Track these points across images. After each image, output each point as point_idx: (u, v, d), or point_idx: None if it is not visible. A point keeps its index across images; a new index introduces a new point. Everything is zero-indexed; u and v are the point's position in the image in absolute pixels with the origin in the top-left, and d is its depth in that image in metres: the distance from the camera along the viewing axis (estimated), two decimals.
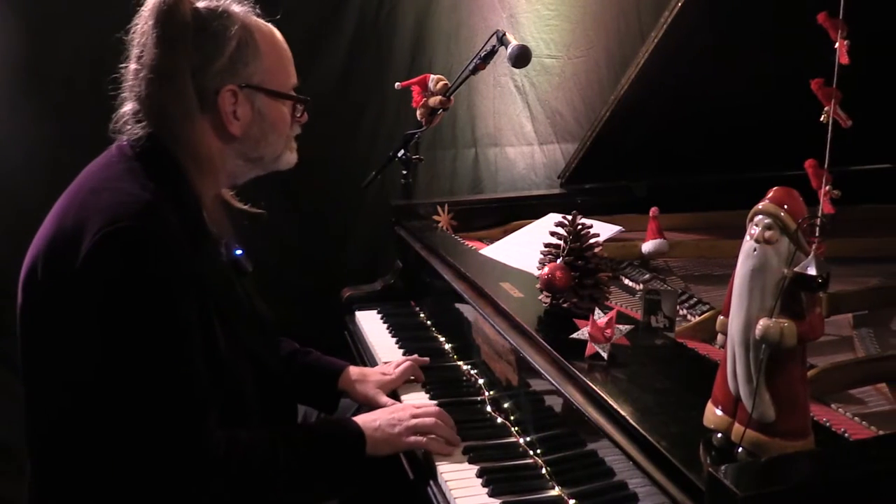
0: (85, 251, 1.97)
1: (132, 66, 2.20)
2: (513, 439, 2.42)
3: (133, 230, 1.99)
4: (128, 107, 2.21)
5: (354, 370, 2.80)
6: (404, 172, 3.80)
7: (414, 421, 2.38)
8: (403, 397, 2.74)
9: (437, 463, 2.32)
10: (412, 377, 2.83)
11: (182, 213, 2.10)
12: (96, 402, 2.03)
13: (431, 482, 2.31)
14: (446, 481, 2.23)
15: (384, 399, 2.69)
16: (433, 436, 2.37)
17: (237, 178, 2.43)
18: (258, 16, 2.32)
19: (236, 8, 2.26)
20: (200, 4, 2.22)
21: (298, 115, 2.42)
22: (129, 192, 2.06)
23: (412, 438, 2.36)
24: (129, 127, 2.20)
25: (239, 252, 2.49)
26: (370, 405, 2.68)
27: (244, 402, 2.28)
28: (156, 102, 2.15)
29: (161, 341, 2.02)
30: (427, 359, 2.93)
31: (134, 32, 2.20)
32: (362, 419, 2.39)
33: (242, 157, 2.34)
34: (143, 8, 2.20)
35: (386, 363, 2.92)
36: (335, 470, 2.32)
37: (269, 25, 2.34)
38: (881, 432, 1.83)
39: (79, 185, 2.20)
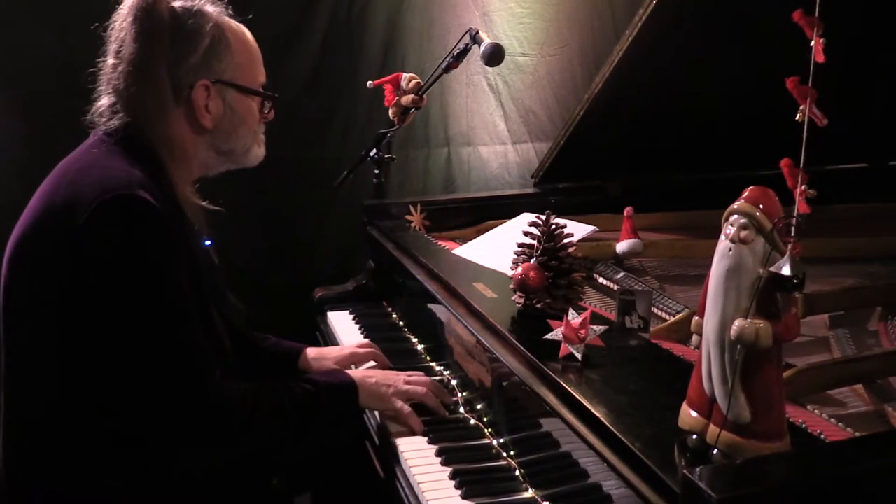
0: (83, 219, 2.06)
1: (110, 60, 2.33)
2: (486, 441, 2.41)
3: (130, 197, 2.08)
4: (104, 100, 2.33)
5: (312, 350, 2.89)
6: (376, 172, 3.77)
7: (406, 387, 2.51)
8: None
9: (408, 464, 2.30)
10: (373, 362, 2.87)
11: (163, 197, 2.18)
12: (96, 368, 2.11)
13: (403, 482, 2.30)
14: (419, 483, 2.22)
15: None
16: (414, 415, 2.47)
17: (209, 170, 2.52)
18: (230, 16, 2.43)
19: (210, 8, 2.38)
20: (176, 4, 2.34)
21: (266, 111, 2.52)
22: (120, 168, 2.18)
23: (399, 404, 2.48)
24: (104, 119, 2.31)
25: (208, 243, 2.58)
26: None
27: (225, 366, 2.34)
28: (133, 94, 2.27)
29: (163, 301, 2.11)
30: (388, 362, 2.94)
31: (112, 29, 2.32)
32: (358, 373, 2.55)
33: (214, 149, 2.45)
34: (121, 6, 2.31)
35: (346, 346, 3.01)
36: (332, 416, 2.43)
37: (241, 25, 2.46)
38: (857, 434, 1.84)
39: (64, 168, 2.29)
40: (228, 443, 2.22)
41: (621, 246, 3.21)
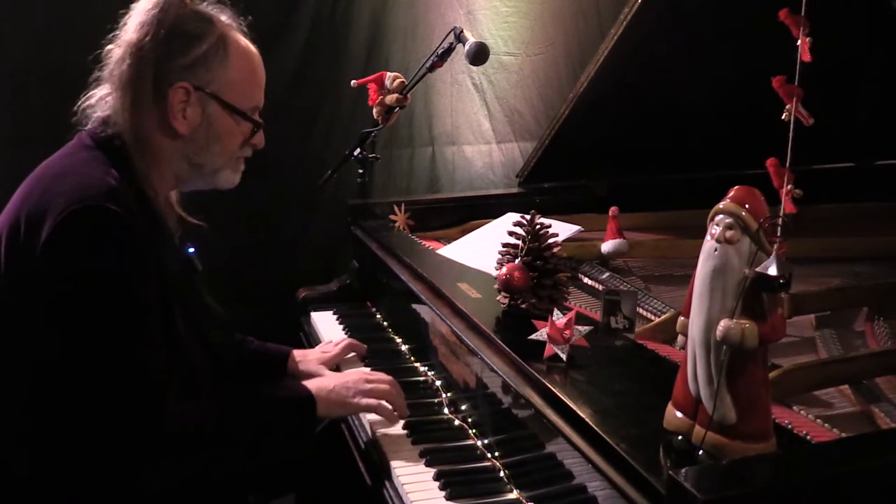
0: (50, 229, 2.02)
1: (112, 46, 2.30)
2: (470, 441, 2.41)
3: (99, 209, 2.04)
4: (101, 90, 2.31)
5: (296, 352, 2.88)
6: (360, 171, 3.78)
7: (368, 386, 2.47)
8: (345, 370, 2.80)
9: (392, 465, 2.30)
10: (353, 353, 2.93)
11: (141, 204, 2.16)
12: (51, 377, 2.05)
13: (387, 484, 2.29)
14: (403, 484, 2.21)
15: (326, 372, 2.79)
16: (384, 402, 2.45)
17: (181, 182, 2.47)
18: (245, 34, 2.41)
19: (223, 19, 2.35)
20: (192, 6, 2.31)
21: (253, 138, 2.46)
22: (94, 176, 2.13)
23: (364, 401, 2.44)
24: (91, 109, 2.29)
25: (191, 250, 2.52)
26: None
27: (198, 388, 2.30)
28: (116, 79, 2.24)
29: (120, 320, 2.06)
30: (364, 346, 3.00)
31: (128, 16, 2.29)
32: (315, 382, 2.46)
33: (186, 160, 2.38)
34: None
35: (327, 343, 3.00)
36: (288, 432, 2.37)
37: (251, 46, 2.43)
38: (843, 435, 1.83)
39: (42, 171, 2.26)
40: (177, 463, 2.14)
41: (606, 246, 3.21)
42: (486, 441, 2.37)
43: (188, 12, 2.29)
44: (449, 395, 2.66)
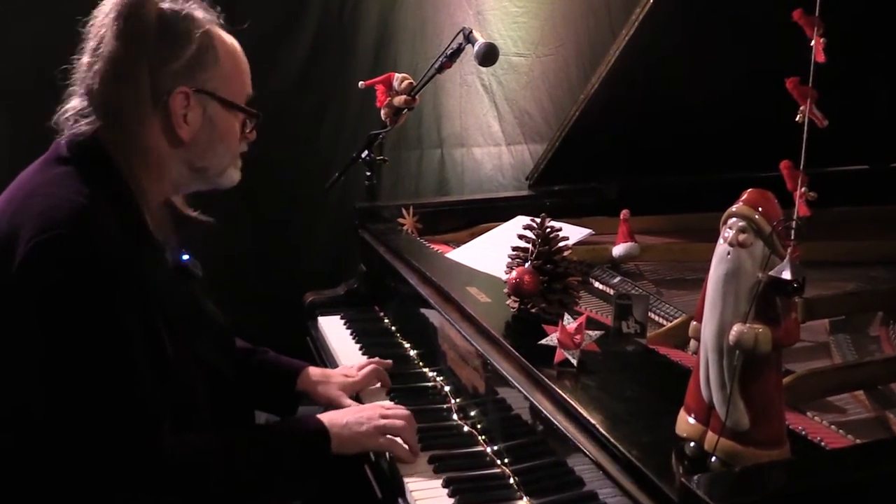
0: (18, 261, 1.95)
1: (85, 59, 2.18)
2: (480, 448, 2.39)
3: (66, 238, 1.96)
4: (74, 101, 2.19)
5: (315, 371, 2.78)
6: (368, 174, 3.76)
7: (383, 421, 2.35)
8: (366, 401, 2.70)
9: (401, 471, 2.29)
10: (378, 383, 2.80)
11: (121, 218, 2.07)
12: (36, 412, 1.99)
13: (395, 490, 2.28)
14: (411, 491, 2.20)
15: (347, 402, 2.66)
16: (400, 440, 2.35)
17: (178, 189, 2.39)
18: (222, 26, 2.31)
19: (200, 14, 2.25)
20: (164, 5, 2.20)
21: (248, 130, 2.40)
22: (63, 197, 2.03)
23: (382, 440, 2.33)
24: (71, 123, 2.17)
25: (186, 257, 2.43)
26: (333, 408, 2.65)
27: (196, 411, 2.24)
28: (108, 96, 2.14)
29: (101, 349, 1.97)
30: (390, 361, 2.90)
31: (91, 26, 2.19)
32: (329, 416, 2.36)
33: (187, 165, 2.31)
34: (104, 3, 2.18)
35: (350, 367, 2.89)
36: (300, 469, 2.29)
37: (232, 38, 2.34)
38: (858, 441, 1.83)
39: (14, 190, 2.17)
40: (178, 498, 2.07)
41: (618, 249, 3.20)
42: (495, 447, 2.35)
43: (166, 12, 2.20)
44: (458, 401, 2.65)
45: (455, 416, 2.59)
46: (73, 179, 2.08)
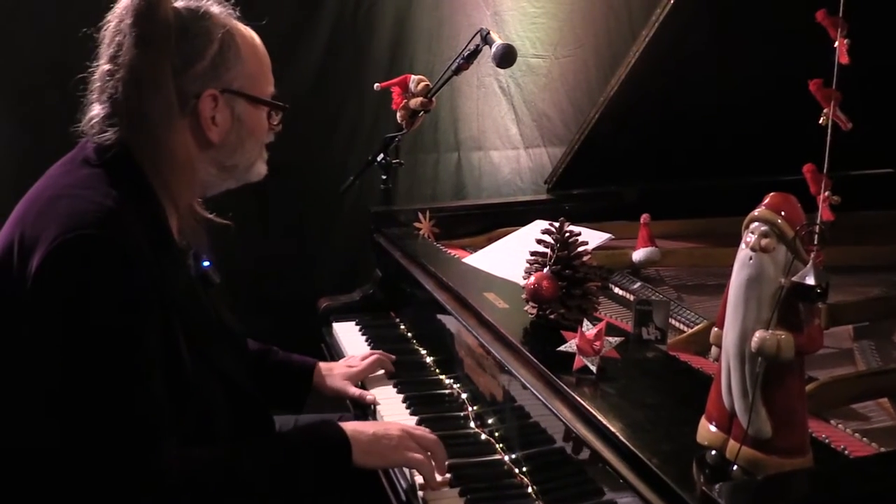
0: (41, 258, 1.92)
1: (105, 66, 2.14)
2: (497, 457, 2.38)
3: (93, 238, 1.93)
4: (96, 109, 2.15)
5: (322, 365, 2.84)
6: (384, 177, 3.76)
7: (412, 444, 2.27)
8: (372, 390, 2.80)
9: (416, 479, 2.27)
10: (381, 370, 2.88)
11: (146, 225, 2.05)
12: (42, 411, 1.99)
13: (410, 497, 2.27)
14: (427, 501, 2.20)
15: (353, 390, 2.77)
16: (426, 460, 2.26)
17: (207, 190, 2.36)
18: (239, 19, 2.27)
19: (217, 9, 2.21)
20: (179, 4, 2.17)
21: (275, 122, 2.37)
22: (91, 200, 2.00)
23: (410, 455, 2.24)
24: (95, 131, 2.13)
25: (207, 264, 2.42)
26: (339, 397, 2.80)
27: (214, 422, 2.21)
28: (134, 105, 2.09)
29: (114, 355, 1.95)
30: (393, 356, 2.95)
31: (106, 31, 2.15)
32: (353, 426, 2.29)
33: (216, 166, 2.28)
34: (117, 5, 2.14)
35: (353, 356, 2.97)
36: (318, 480, 2.22)
37: (250, 30, 2.30)
38: (882, 449, 1.82)
39: (39, 190, 2.14)
40: None
41: (638, 254, 3.19)
42: (513, 456, 2.34)
43: (182, 11, 2.16)
44: (475, 408, 2.63)
45: (472, 424, 2.57)
46: (101, 182, 2.06)
